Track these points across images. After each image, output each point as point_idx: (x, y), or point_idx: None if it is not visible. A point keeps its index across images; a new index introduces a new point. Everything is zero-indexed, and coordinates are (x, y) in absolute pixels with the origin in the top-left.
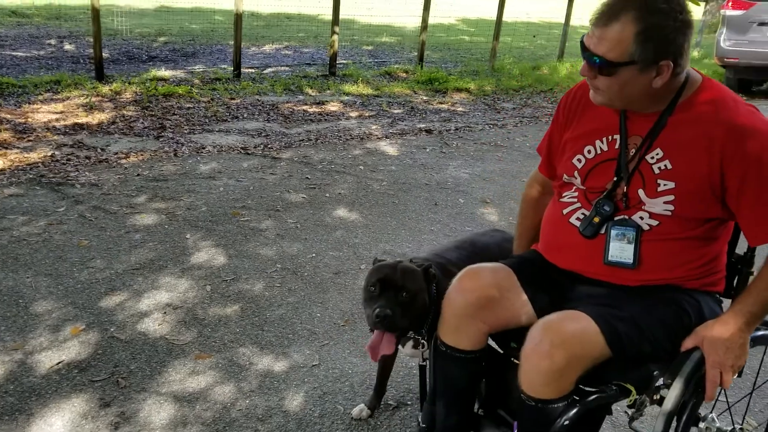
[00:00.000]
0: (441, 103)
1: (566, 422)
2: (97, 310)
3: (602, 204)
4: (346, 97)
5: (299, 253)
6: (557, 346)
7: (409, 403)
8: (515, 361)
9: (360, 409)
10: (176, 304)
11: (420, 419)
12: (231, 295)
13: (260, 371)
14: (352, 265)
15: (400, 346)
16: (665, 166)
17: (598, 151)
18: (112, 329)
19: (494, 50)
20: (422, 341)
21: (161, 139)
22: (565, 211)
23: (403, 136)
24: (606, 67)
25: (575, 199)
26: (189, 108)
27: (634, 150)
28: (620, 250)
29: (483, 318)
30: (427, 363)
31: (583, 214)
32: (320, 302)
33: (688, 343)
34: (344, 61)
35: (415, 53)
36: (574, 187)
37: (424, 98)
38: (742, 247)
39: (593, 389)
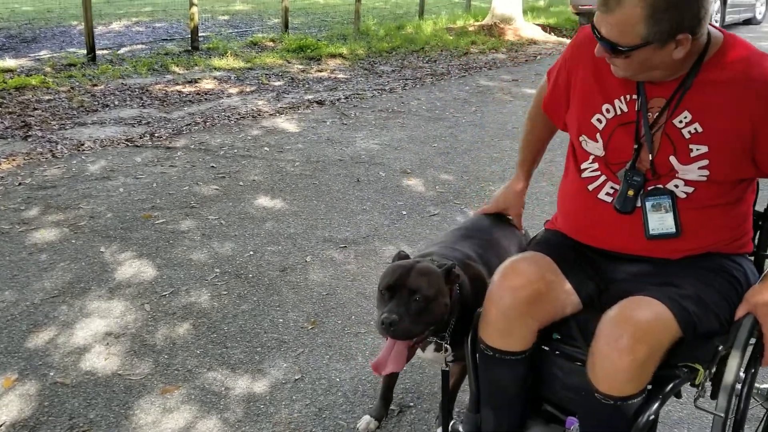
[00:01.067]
0: (319, 71)
1: (651, 416)
2: (26, 352)
3: (631, 176)
4: (218, 73)
5: (234, 252)
6: (638, 339)
7: (411, 404)
8: (559, 353)
9: (367, 422)
10: (116, 331)
11: (459, 428)
12: (176, 312)
13: (240, 396)
14: (296, 258)
15: (419, 351)
16: (695, 129)
17: (618, 112)
18: (51, 374)
19: (357, 12)
20: (446, 345)
21: (30, 139)
22: (591, 187)
23: (295, 110)
24: (620, 52)
25: (598, 172)
26: (49, 100)
27: (657, 113)
28: (659, 221)
29: (533, 315)
30: (467, 369)
31: (612, 188)
32: (277, 305)
33: (740, 311)
34: (204, 34)
35: (276, 20)
36: (592, 157)
37: (300, 67)
38: (760, 204)
39: (664, 375)
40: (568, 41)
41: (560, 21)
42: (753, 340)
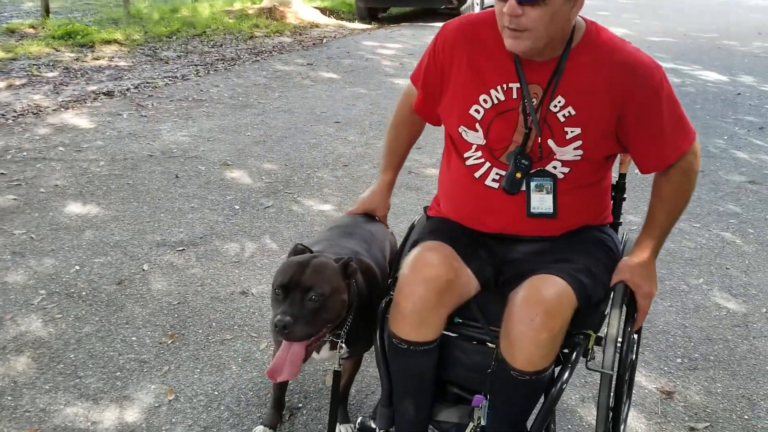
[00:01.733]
0: (96, 59)
1: (564, 386)
2: None
3: (520, 159)
4: None
5: (57, 269)
6: (551, 315)
7: (300, 405)
8: (454, 334)
9: (262, 431)
10: None
11: (371, 425)
12: (6, 346)
13: (112, 429)
14: (131, 268)
15: (315, 353)
16: (569, 112)
17: (495, 101)
18: None
19: None
20: (341, 344)
21: None
22: (477, 175)
23: (82, 103)
24: None
25: (482, 159)
26: None
27: (536, 100)
28: (540, 201)
29: (444, 304)
30: (380, 362)
31: (498, 174)
32: (125, 323)
33: (614, 280)
34: None
35: (31, 4)
36: (475, 146)
37: (72, 55)
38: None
39: (567, 345)
40: (349, 24)
41: (336, 4)
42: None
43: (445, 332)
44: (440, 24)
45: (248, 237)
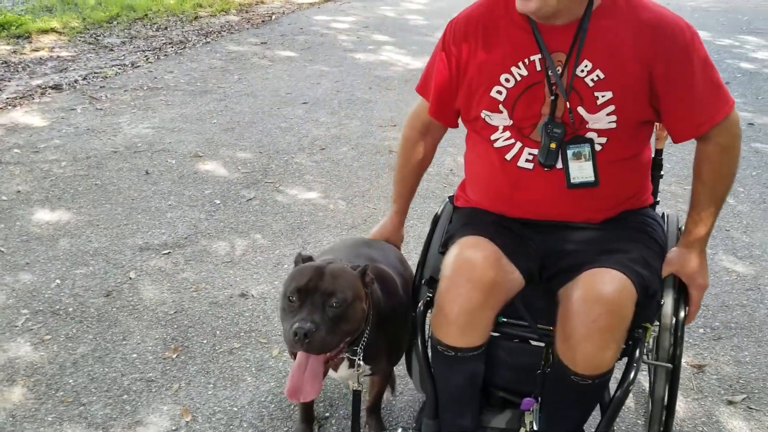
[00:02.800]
0: (35, 50)
1: (631, 387)
2: None
3: (552, 128)
4: None
5: (36, 285)
6: (614, 314)
7: (327, 414)
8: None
9: None
10: None
11: None
12: None
13: None
14: (117, 277)
15: (331, 371)
16: (597, 76)
17: (518, 78)
18: None
19: None
20: (358, 362)
21: None
22: (508, 157)
23: (29, 99)
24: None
25: (513, 140)
26: None
27: (560, 68)
28: (579, 170)
29: (492, 305)
30: (417, 373)
31: (530, 154)
32: (122, 339)
33: (666, 270)
34: None
35: None
36: (502, 126)
37: (8, 48)
38: None
39: (630, 342)
40: None
41: None
42: None
43: (491, 333)
44: None
45: (236, 233)
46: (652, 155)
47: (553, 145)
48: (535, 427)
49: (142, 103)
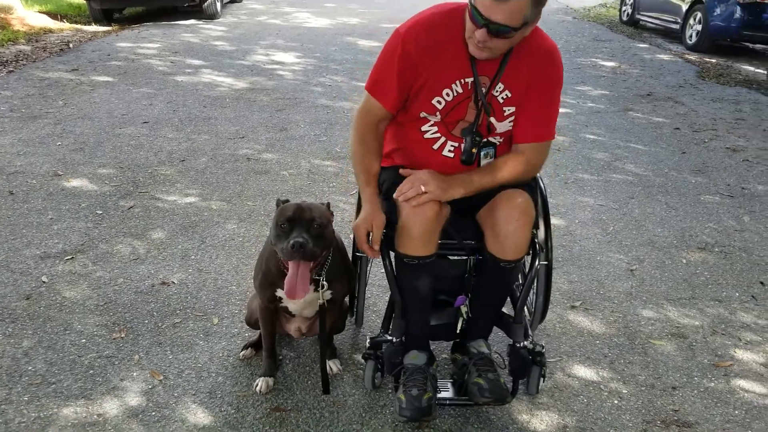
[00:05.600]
0: None
1: (539, 267)
2: None
3: (475, 136)
4: None
5: None
6: (527, 214)
7: (293, 353)
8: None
9: (264, 381)
10: None
11: (387, 336)
12: None
13: (122, 414)
14: (30, 283)
15: (296, 301)
16: (506, 95)
17: (455, 94)
18: None
19: None
20: (323, 282)
21: None
22: (435, 147)
23: None
24: (507, 33)
25: (438, 134)
26: None
27: (484, 88)
28: (485, 162)
29: (438, 224)
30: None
31: (452, 146)
32: (63, 330)
33: None
34: None
35: None
36: (432, 122)
37: None
38: None
39: None
40: (86, 27)
41: (61, 8)
42: None
43: None
44: (186, 22)
45: (131, 236)
46: None
47: (474, 150)
48: (469, 315)
49: None
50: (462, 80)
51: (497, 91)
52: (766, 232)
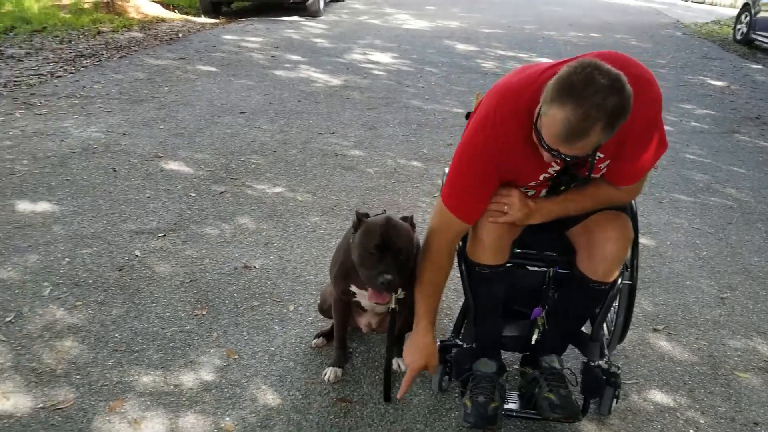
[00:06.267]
0: None
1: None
2: None
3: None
4: None
5: (46, 263)
6: (628, 237)
7: (362, 347)
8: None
9: (333, 371)
10: None
11: (457, 341)
12: (43, 335)
13: (196, 388)
14: (124, 256)
15: (367, 299)
16: (598, 156)
17: (542, 179)
18: None
19: None
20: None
21: None
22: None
23: None
24: (579, 160)
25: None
26: None
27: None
28: None
29: (511, 234)
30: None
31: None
32: (150, 302)
33: None
34: None
35: None
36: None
37: None
38: None
39: None
40: (196, 18)
41: None
42: None
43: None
44: (290, 18)
45: (220, 220)
46: None
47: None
48: (546, 326)
49: (81, 110)
50: (547, 172)
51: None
52: None
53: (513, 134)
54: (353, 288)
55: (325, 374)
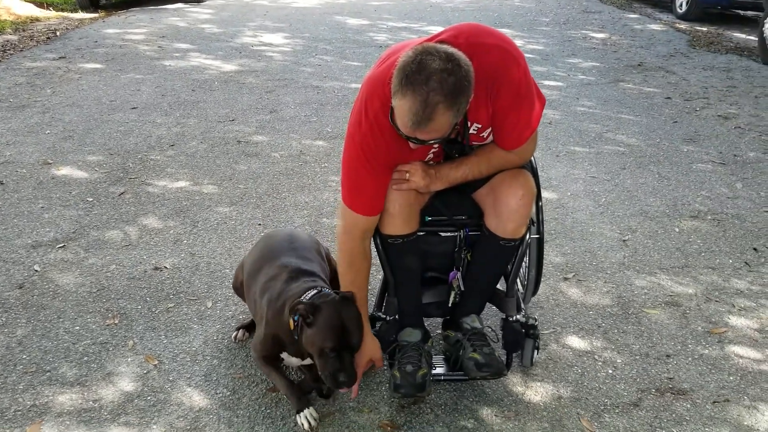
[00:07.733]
0: None
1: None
2: None
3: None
4: None
5: None
6: (530, 192)
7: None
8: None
9: (305, 416)
10: None
11: (380, 315)
12: None
13: (123, 399)
14: (21, 272)
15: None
16: (477, 127)
17: (428, 158)
18: None
19: None
20: None
21: None
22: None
23: None
24: (436, 143)
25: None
26: None
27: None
28: None
29: (419, 201)
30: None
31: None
32: (57, 317)
33: None
34: None
35: None
36: None
37: None
38: None
39: None
40: (73, 14)
41: None
42: None
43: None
44: (173, 6)
45: (122, 222)
46: None
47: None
48: (462, 289)
49: None
50: (432, 151)
51: (474, 130)
52: (758, 198)
53: (387, 127)
54: (284, 356)
55: (302, 425)
